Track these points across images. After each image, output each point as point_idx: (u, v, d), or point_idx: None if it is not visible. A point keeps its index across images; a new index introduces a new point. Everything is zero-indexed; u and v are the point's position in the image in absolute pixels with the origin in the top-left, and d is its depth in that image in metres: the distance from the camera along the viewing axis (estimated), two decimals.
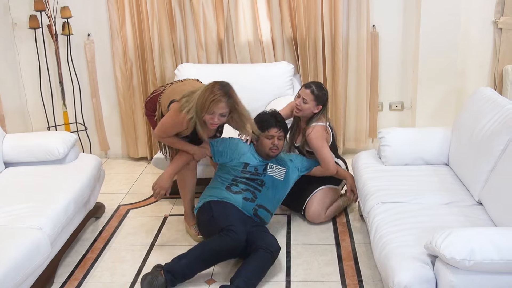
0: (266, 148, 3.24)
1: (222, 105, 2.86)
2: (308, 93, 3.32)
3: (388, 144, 3.33)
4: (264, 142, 3.25)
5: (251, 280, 2.75)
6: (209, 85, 2.92)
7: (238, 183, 3.17)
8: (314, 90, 3.31)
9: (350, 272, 2.93)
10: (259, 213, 3.12)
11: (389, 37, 4.39)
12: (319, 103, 3.34)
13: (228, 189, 3.15)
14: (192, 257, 2.80)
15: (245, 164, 3.23)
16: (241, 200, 3.10)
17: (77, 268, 3.11)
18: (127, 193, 4.15)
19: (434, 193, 2.90)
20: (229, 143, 3.26)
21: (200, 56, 4.44)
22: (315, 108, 3.35)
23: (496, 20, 4.25)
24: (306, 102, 3.32)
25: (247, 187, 3.16)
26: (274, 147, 3.24)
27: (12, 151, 3.43)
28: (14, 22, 4.52)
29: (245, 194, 3.12)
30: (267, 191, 3.19)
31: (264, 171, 3.24)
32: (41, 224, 2.73)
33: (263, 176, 3.22)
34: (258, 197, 3.14)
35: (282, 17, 4.32)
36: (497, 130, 2.70)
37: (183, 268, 2.78)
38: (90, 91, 4.67)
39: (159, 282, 2.74)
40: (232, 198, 3.10)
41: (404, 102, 4.59)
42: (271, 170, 3.27)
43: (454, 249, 2.00)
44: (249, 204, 3.10)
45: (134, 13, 4.37)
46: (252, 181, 3.19)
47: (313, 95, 3.31)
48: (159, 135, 3.16)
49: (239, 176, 3.20)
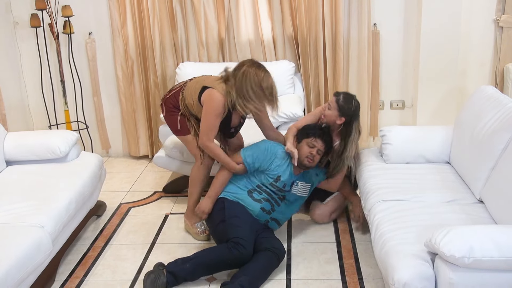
0: (303, 155, 3.06)
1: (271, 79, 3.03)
2: (333, 100, 3.17)
3: (389, 142, 3.33)
4: (304, 148, 3.08)
5: (255, 279, 2.76)
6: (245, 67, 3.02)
7: (262, 192, 3.09)
8: (340, 99, 3.15)
9: (350, 270, 2.94)
10: (270, 225, 3.12)
11: (390, 36, 4.39)
12: (342, 114, 3.14)
13: (250, 194, 3.08)
14: (197, 263, 2.80)
15: (277, 177, 3.09)
16: (258, 209, 3.05)
17: (78, 266, 3.12)
18: (128, 191, 4.15)
19: (435, 191, 2.90)
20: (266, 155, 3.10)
21: (201, 54, 4.44)
22: (337, 119, 3.15)
23: (497, 18, 4.25)
24: (330, 109, 3.18)
25: (269, 198, 3.08)
26: (311, 156, 3.06)
27: (13, 150, 3.44)
28: (15, 21, 4.53)
29: (264, 204, 3.06)
30: (285, 206, 3.14)
31: (290, 187, 3.12)
32: (42, 222, 2.74)
33: (287, 193, 3.13)
34: (275, 211, 3.09)
35: (283, 16, 4.32)
36: (499, 128, 2.71)
37: (186, 272, 2.79)
38: (91, 90, 4.67)
39: (161, 282, 2.75)
40: (250, 204, 3.06)
41: (405, 101, 4.59)
42: (296, 187, 3.14)
43: (454, 247, 2.00)
44: (264, 215, 3.07)
45: (135, 12, 4.38)
46: (275, 194, 3.11)
47: (337, 104, 3.15)
48: (204, 137, 3.07)
49: (265, 185, 3.09)
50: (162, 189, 4.09)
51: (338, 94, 3.21)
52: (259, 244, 2.90)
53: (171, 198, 3.97)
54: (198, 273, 2.82)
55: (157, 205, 3.88)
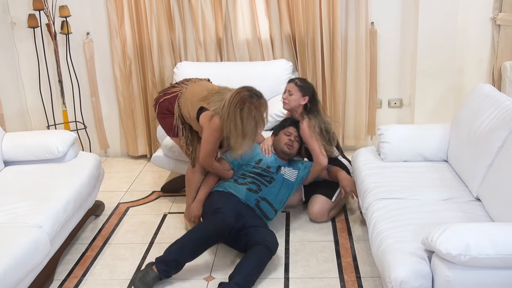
0: (282, 143, 3.35)
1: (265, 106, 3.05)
2: (292, 85, 3.38)
3: (387, 141, 3.34)
4: (282, 137, 3.38)
5: (250, 276, 2.76)
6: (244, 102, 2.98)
7: (246, 177, 3.25)
8: (297, 82, 3.39)
9: (348, 269, 2.94)
10: (262, 206, 3.14)
11: (387, 34, 4.40)
12: (305, 93, 3.37)
13: (236, 181, 3.24)
14: (182, 242, 2.83)
15: (259, 160, 3.34)
16: (245, 191, 3.15)
17: (77, 265, 3.12)
18: (126, 191, 4.16)
19: (433, 189, 2.91)
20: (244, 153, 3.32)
21: (199, 54, 4.44)
22: (301, 100, 3.37)
23: (494, 16, 4.26)
24: (292, 94, 3.37)
25: (254, 180, 3.23)
26: (290, 143, 3.35)
27: (11, 150, 3.45)
28: (13, 21, 4.53)
29: (249, 186, 3.19)
30: (273, 188, 3.23)
31: (277, 171, 3.30)
32: (40, 222, 2.74)
33: (274, 175, 3.28)
34: (262, 190, 3.19)
35: (280, 15, 4.33)
36: (496, 126, 2.71)
37: (174, 254, 2.79)
38: (89, 90, 4.68)
39: (151, 277, 2.75)
40: (237, 188, 3.17)
41: (403, 99, 4.59)
42: (284, 170, 3.34)
43: (450, 245, 2.00)
44: (252, 195, 3.15)
45: (132, 12, 4.38)
46: (261, 176, 3.25)
47: (296, 86, 3.37)
48: (208, 162, 3.23)
49: (249, 171, 3.29)
50: (160, 189, 4.10)
51: (292, 80, 3.45)
52: (251, 237, 2.91)
53: (169, 197, 3.98)
54: (186, 251, 2.81)
55: (156, 204, 3.89)
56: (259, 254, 2.84)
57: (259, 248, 2.85)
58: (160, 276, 2.78)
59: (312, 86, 3.46)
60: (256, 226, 3.02)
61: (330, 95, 4.44)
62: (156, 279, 2.78)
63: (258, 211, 3.14)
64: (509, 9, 4.19)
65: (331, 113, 4.48)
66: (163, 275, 2.79)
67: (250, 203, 3.12)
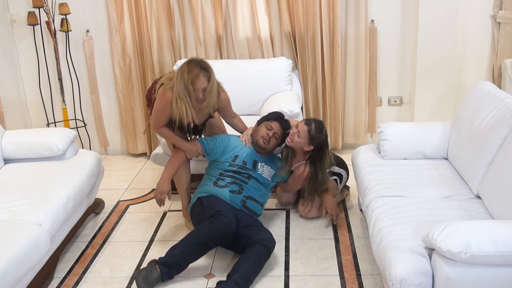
0: (259, 134, 3.23)
1: (202, 80, 2.94)
2: (304, 129, 3.15)
3: (387, 139, 3.34)
4: (262, 129, 3.25)
5: (249, 275, 2.76)
6: (183, 65, 2.99)
7: (225, 177, 3.18)
8: (311, 130, 3.14)
9: (348, 266, 2.94)
10: (248, 205, 3.13)
11: (387, 32, 4.40)
12: (312, 143, 3.17)
13: (215, 184, 3.16)
14: (184, 246, 2.82)
15: (235, 157, 3.25)
16: (228, 193, 3.10)
17: (77, 263, 3.12)
18: (126, 189, 4.16)
19: (433, 187, 2.90)
20: (220, 138, 3.31)
21: (198, 52, 4.44)
22: (306, 146, 3.19)
23: (494, 14, 4.25)
24: (299, 137, 3.16)
25: (233, 180, 3.16)
26: (267, 137, 3.21)
27: (11, 148, 3.44)
28: (12, 19, 4.52)
29: (231, 187, 3.13)
30: (253, 184, 3.20)
31: (253, 168, 3.24)
32: (40, 220, 2.74)
33: (251, 171, 3.22)
34: (245, 189, 3.15)
35: (280, 13, 4.32)
36: (496, 124, 2.71)
37: (176, 258, 2.80)
38: (89, 88, 4.67)
39: (154, 276, 2.76)
40: (219, 192, 3.11)
41: (403, 97, 4.59)
42: (262, 168, 3.27)
43: (451, 242, 2.00)
44: (237, 197, 3.11)
45: (132, 9, 4.37)
46: (239, 174, 3.20)
47: (308, 134, 3.14)
48: (153, 124, 3.24)
49: (226, 170, 3.21)
50: None
51: (309, 123, 3.17)
52: (248, 237, 2.91)
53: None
54: (188, 254, 2.82)
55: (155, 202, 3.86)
56: (257, 253, 2.84)
57: (257, 247, 2.85)
58: (163, 277, 2.79)
59: (325, 138, 3.20)
60: (251, 225, 3.02)
61: (330, 93, 4.43)
62: (159, 280, 2.78)
63: (246, 210, 3.12)
64: (509, 7, 4.19)
65: (331, 111, 4.48)
66: (165, 277, 2.80)
67: (236, 205, 3.09)
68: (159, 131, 3.27)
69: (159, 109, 3.13)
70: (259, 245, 2.85)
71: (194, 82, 2.93)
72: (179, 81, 2.97)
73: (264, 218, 3.47)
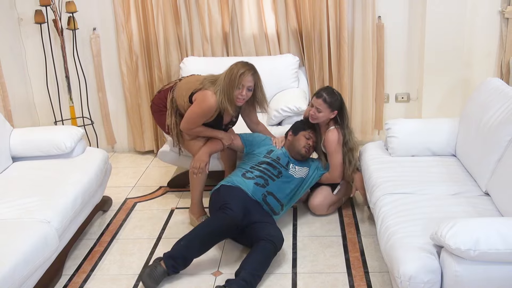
0: (301, 145, 3.36)
1: (249, 78, 3.12)
2: (320, 102, 3.26)
3: (395, 135, 3.33)
4: (301, 139, 3.38)
5: (257, 271, 2.76)
6: (233, 64, 3.15)
7: (254, 170, 3.25)
8: (326, 98, 3.25)
9: (356, 264, 2.94)
10: (268, 200, 3.14)
11: (394, 28, 4.37)
12: (334, 109, 3.28)
13: (244, 175, 3.23)
14: (190, 238, 2.84)
15: (270, 151, 3.38)
16: (252, 185, 3.16)
17: (85, 261, 3.13)
18: (134, 186, 4.17)
19: (441, 184, 2.89)
20: (257, 134, 3.50)
21: (205, 49, 4.44)
22: (330, 115, 3.30)
23: (502, 9, 4.22)
24: (320, 111, 3.27)
25: (261, 174, 3.23)
26: (308, 146, 3.38)
27: (19, 146, 3.46)
28: (20, 17, 4.53)
29: (257, 180, 3.19)
30: (281, 183, 3.23)
31: (286, 166, 3.32)
32: (49, 218, 2.75)
33: (283, 169, 3.29)
34: (269, 184, 3.19)
35: (287, 10, 4.31)
36: (505, 120, 2.69)
37: (181, 250, 2.81)
38: (96, 85, 4.68)
39: (159, 272, 2.76)
40: (244, 183, 3.17)
41: (410, 94, 4.57)
42: (293, 169, 3.33)
43: (459, 239, 1.99)
44: (259, 189, 3.15)
45: (139, 7, 4.38)
46: (270, 167, 3.27)
47: (325, 104, 3.26)
48: (189, 127, 3.27)
49: (259, 162, 3.30)
50: (167, 184, 4.10)
51: (320, 94, 3.29)
52: (256, 233, 2.91)
53: (176, 192, 3.98)
54: (194, 247, 2.83)
55: (163, 200, 3.89)
56: (265, 250, 2.83)
57: (264, 243, 2.84)
58: (168, 271, 2.79)
59: (340, 97, 3.34)
60: (262, 221, 3.02)
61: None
62: (164, 275, 2.79)
63: (266, 205, 3.13)
64: None
65: None
66: (171, 271, 2.80)
67: (257, 197, 3.12)
68: (193, 131, 3.30)
69: (200, 112, 3.18)
70: (265, 241, 2.85)
71: (242, 77, 3.08)
72: (227, 75, 3.10)
73: None
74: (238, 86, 3.10)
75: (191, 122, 3.24)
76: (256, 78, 3.17)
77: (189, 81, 3.33)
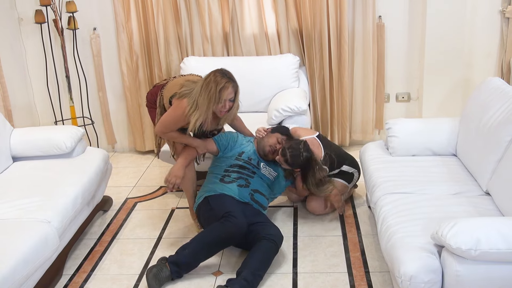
0: (268, 144, 3.26)
1: (230, 90, 2.96)
2: (281, 160, 3.15)
3: (395, 135, 3.32)
4: (272, 139, 3.27)
5: (258, 271, 2.76)
6: (209, 75, 2.98)
7: (230, 173, 3.19)
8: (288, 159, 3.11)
9: (357, 263, 2.94)
10: (256, 197, 3.14)
11: (395, 28, 4.37)
12: (295, 167, 3.21)
13: (222, 181, 3.16)
14: (195, 246, 2.83)
15: (241, 153, 3.30)
16: (236, 187, 3.11)
17: (86, 260, 3.13)
18: (134, 186, 4.17)
19: (442, 183, 2.89)
20: (231, 136, 3.37)
21: (205, 49, 4.44)
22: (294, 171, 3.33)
23: (503, 9, 4.21)
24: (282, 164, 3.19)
25: (240, 175, 3.18)
26: (273, 150, 3.25)
27: (19, 146, 3.46)
28: (20, 17, 4.53)
29: (238, 182, 3.14)
30: (259, 179, 3.22)
31: (257, 165, 3.27)
32: (49, 218, 2.75)
33: (255, 169, 3.25)
34: (251, 183, 3.16)
35: (287, 9, 4.31)
36: (505, 120, 2.69)
37: (186, 257, 2.81)
38: (96, 85, 4.68)
39: (165, 274, 2.77)
40: (227, 188, 3.11)
41: (411, 93, 4.57)
42: (264, 169, 3.29)
43: (460, 239, 1.99)
44: (245, 190, 3.12)
45: (139, 7, 4.38)
46: (244, 169, 3.22)
47: (287, 164, 3.14)
48: (161, 130, 3.17)
49: (231, 165, 3.23)
50: None
51: (284, 153, 3.11)
52: (255, 233, 2.91)
53: (176, 192, 3.98)
54: (199, 255, 2.83)
55: (163, 199, 3.89)
56: (266, 249, 2.84)
57: (266, 243, 2.84)
58: (172, 276, 2.81)
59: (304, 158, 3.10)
60: (259, 222, 3.01)
61: (337, 89, 4.42)
62: (169, 278, 2.80)
63: (255, 204, 3.12)
64: None
65: (338, 108, 4.46)
66: (174, 276, 2.81)
67: (245, 198, 3.10)
68: (166, 135, 3.22)
69: (174, 118, 3.08)
70: (266, 240, 2.85)
71: (222, 92, 2.94)
72: (204, 90, 2.95)
73: (272, 214, 3.48)
74: (219, 101, 2.96)
75: (164, 126, 3.13)
76: (235, 87, 3.01)
77: (177, 83, 3.22)
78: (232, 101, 3.02)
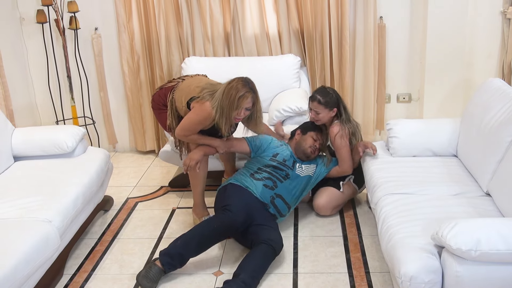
0: (307, 144, 3.35)
1: (248, 100, 3.03)
2: (316, 105, 3.29)
3: (396, 136, 3.32)
4: (309, 139, 3.37)
5: (256, 273, 2.76)
6: (233, 82, 3.04)
7: (262, 172, 3.24)
8: (320, 99, 3.27)
9: (357, 264, 2.94)
10: (276, 202, 3.14)
11: (396, 29, 4.37)
12: (331, 107, 3.30)
13: (252, 176, 3.21)
14: (188, 237, 2.85)
15: (275, 154, 3.34)
16: (261, 187, 3.14)
17: (86, 260, 3.14)
18: (135, 186, 4.17)
19: (442, 184, 2.89)
20: (264, 138, 3.43)
21: (206, 49, 4.44)
22: (330, 113, 3.31)
23: (504, 10, 4.21)
24: (319, 113, 3.31)
25: (270, 176, 3.21)
26: (314, 147, 3.36)
27: (21, 145, 3.46)
28: (21, 17, 4.54)
29: (266, 182, 3.18)
30: (289, 184, 3.23)
31: (292, 166, 3.31)
32: (50, 217, 2.75)
33: (290, 170, 3.28)
34: (278, 187, 3.18)
35: (288, 10, 4.31)
36: (506, 121, 2.69)
37: (179, 248, 2.81)
38: (97, 85, 4.69)
39: (154, 272, 2.77)
40: (253, 184, 3.15)
41: (412, 94, 4.57)
42: (300, 169, 3.33)
43: (460, 240, 1.99)
44: (268, 191, 3.14)
45: (140, 7, 4.38)
46: (277, 170, 3.25)
47: (321, 105, 3.28)
48: (184, 134, 3.21)
49: (265, 165, 3.28)
50: (168, 184, 4.10)
51: (314, 97, 3.31)
52: (256, 236, 2.91)
53: (177, 192, 3.99)
54: (191, 246, 2.83)
55: (164, 199, 3.90)
56: (264, 254, 2.83)
57: (264, 247, 2.84)
58: (164, 269, 2.80)
59: (335, 94, 3.35)
60: (263, 225, 3.01)
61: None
62: (161, 274, 2.79)
63: (272, 207, 3.13)
64: None
65: None
66: (167, 268, 2.80)
67: (265, 199, 3.11)
68: (187, 138, 3.26)
69: (197, 121, 3.13)
70: (265, 245, 2.85)
71: (241, 100, 3.00)
72: (226, 95, 3.01)
73: None
74: (237, 108, 3.02)
75: (186, 129, 3.18)
76: (255, 98, 3.08)
77: (190, 85, 3.26)
78: (248, 110, 3.09)
